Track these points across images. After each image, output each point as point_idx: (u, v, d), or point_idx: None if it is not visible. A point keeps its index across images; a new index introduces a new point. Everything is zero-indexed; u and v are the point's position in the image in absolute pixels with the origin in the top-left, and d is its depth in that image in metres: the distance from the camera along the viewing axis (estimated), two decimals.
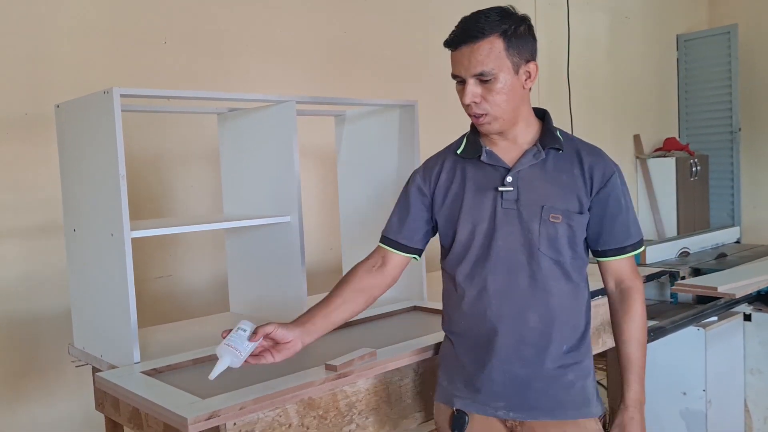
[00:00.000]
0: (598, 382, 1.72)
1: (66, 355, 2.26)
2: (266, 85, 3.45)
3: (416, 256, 1.75)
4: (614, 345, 1.68)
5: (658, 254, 3.27)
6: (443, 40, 1.57)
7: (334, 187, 2.89)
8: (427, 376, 1.92)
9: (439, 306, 2.32)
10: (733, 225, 5.10)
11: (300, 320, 1.62)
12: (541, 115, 1.68)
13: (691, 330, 2.77)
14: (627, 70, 5.89)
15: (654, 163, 5.86)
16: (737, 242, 3.96)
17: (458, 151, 1.69)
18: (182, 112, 2.46)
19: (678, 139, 6.30)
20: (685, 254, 3.45)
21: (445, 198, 1.68)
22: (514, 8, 1.56)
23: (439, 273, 1.78)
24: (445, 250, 1.70)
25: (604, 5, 5.63)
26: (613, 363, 2.95)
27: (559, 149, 1.60)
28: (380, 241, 1.77)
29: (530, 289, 1.58)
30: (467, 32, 1.52)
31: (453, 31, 1.55)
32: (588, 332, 1.66)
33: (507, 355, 1.59)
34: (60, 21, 2.83)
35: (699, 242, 3.66)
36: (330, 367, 1.69)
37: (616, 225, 1.61)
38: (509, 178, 1.59)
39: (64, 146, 2.11)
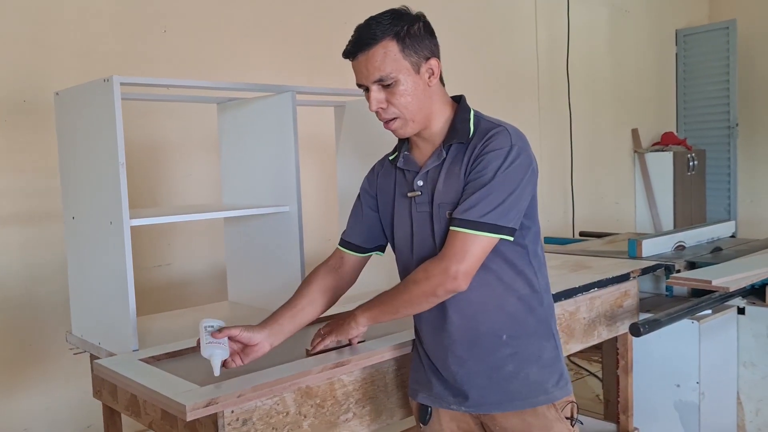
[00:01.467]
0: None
1: (64, 343, 2.27)
2: (266, 74, 3.46)
3: (378, 252, 1.78)
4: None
5: (654, 248, 3.28)
6: (343, 50, 1.59)
7: (333, 177, 2.91)
8: None
9: None
10: (729, 219, 5.12)
11: (266, 322, 1.64)
12: (458, 101, 1.63)
13: (685, 323, 2.78)
14: (626, 65, 5.90)
15: (651, 158, 5.88)
16: (733, 236, 3.97)
17: (390, 158, 1.72)
18: (182, 100, 2.46)
19: (676, 133, 6.31)
20: (680, 248, 3.47)
21: (383, 203, 1.71)
22: (407, 8, 1.56)
23: None
24: (395, 254, 1.73)
25: None
26: (608, 353, 2.97)
27: (462, 142, 1.55)
28: (338, 243, 1.80)
29: None
30: (360, 40, 1.52)
31: (349, 41, 1.55)
32: (535, 316, 1.60)
33: (441, 355, 1.62)
34: (61, 8, 2.82)
35: (695, 236, 3.67)
36: (308, 352, 1.76)
37: (466, 195, 1.48)
38: (419, 182, 1.59)
39: (64, 134, 2.11)
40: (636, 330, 2.37)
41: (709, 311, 2.89)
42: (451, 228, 1.49)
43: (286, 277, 2.26)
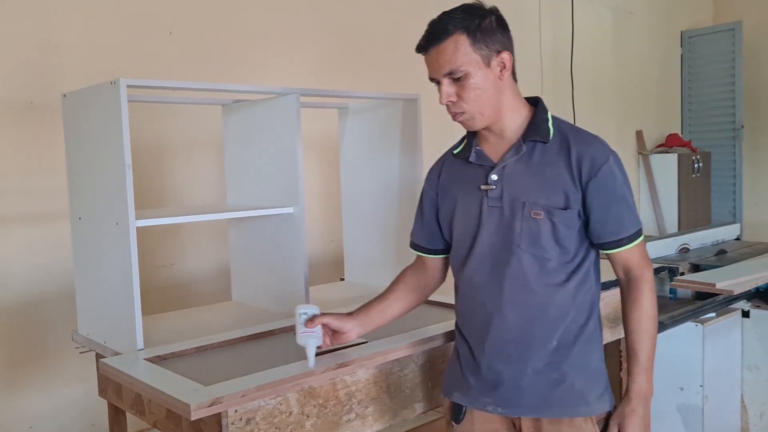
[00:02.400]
0: None
1: (70, 342, 2.29)
2: (271, 76, 3.47)
3: (444, 254, 1.79)
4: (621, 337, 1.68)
5: (658, 250, 3.29)
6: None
7: (336, 179, 2.91)
8: (427, 367, 1.94)
9: (441, 299, 2.35)
10: (734, 222, 5.11)
11: (357, 313, 1.74)
12: (535, 103, 1.65)
13: (689, 326, 2.79)
14: (631, 66, 5.90)
15: (656, 159, 5.87)
16: (737, 239, 3.97)
17: (455, 152, 1.72)
18: (187, 102, 2.48)
19: (681, 135, 6.30)
20: (685, 250, 3.47)
21: (445, 199, 1.71)
22: (480, 3, 1.57)
23: None
24: (451, 249, 1.73)
25: (608, 1, 5.63)
26: (611, 356, 2.97)
27: (544, 141, 1.57)
28: (410, 246, 1.85)
29: (511, 287, 1.57)
30: (432, 34, 1.54)
31: (422, 36, 1.57)
32: (589, 328, 1.61)
33: (492, 353, 1.61)
34: (68, 9, 2.84)
35: (699, 238, 3.67)
36: None
37: (609, 216, 1.55)
38: (493, 176, 1.59)
39: (71, 135, 2.12)
40: None
41: (713, 314, 2.89)
42: (621, 248, 1.59)
43: (290, 278, 2.27)
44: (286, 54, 3.57)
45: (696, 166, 5.88)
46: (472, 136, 1.67)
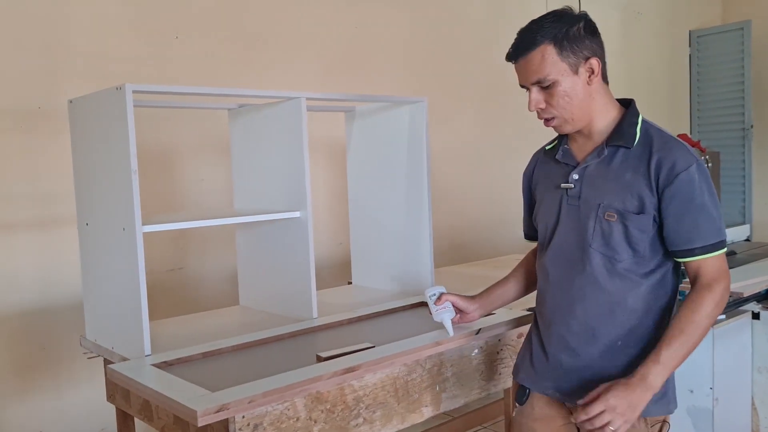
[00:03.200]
0: None
1: (78, 347, 2.29)
2: (277, 80, 3.47)
3: None
4: None
5: None
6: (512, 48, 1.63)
7: (343, 182, 2.91)
8: (435, 371, 1.93)
9: None
10: (743, 223, 5.07)
11: (480, 296, 1.92)
12: (627, 104, 1.68)
13: None
14: (639, 67, 5.87)
15: None
16: (747, 240, 3.94)
17: (547, 149, 1.81)
18: (193, 107, 2.48)
19: (689, 135, 6.26)
20: None
21: (536, 192, 1.81)
22: (570, 9, 1.60)
23: (450, 268, 1.88)
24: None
25: (616, 2, 5.61)
26: None
27: (627, 147, 1.59)
28: (525, 236, 1.94)
29: (581, 283, 1.63)
30: (521, 44, 1.58)
31: (511, 45, 1.62)
32: (659, 333, 1.58)
33: (557, 342, 1.68)
34: (74, 15, 2.85)
35: None
36: (319, 358, 1.78)
37: (683, 225, 1.54)
38: (574, 175, 1.65)
39: (77, 141, 2.13)
40: None
41: (723, 316, 2.87)
42: (692, 258, 1.55)
43: (297, 282, 2.27)
44: (292, 58, 3.57)
45: (705, 166, 5.84)
46: (564, 135, 1.72)
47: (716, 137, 6.31)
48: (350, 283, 2.95)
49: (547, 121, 1.64)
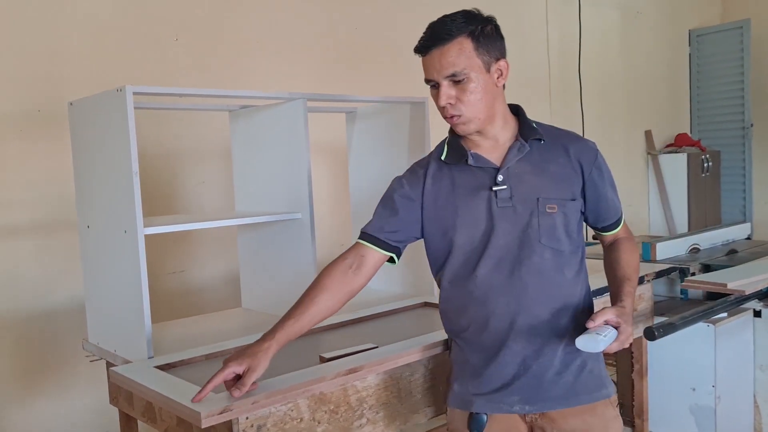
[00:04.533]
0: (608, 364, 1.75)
1: (80, 350, 2.29)
2: (278, 82, 3.47)
3: (394, 255, 1.70)
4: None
5: (668, 250, 3.26)
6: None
7: (345, 183, 2.91)
8: (438, 371, 1.93)
9: None
10: (744, 221, 5.07)
11: (263, 346, 1.54)
12: (515, 110, 1.70)
13: (700, 326, 2.77)
14: (639, 66, 5.87)
15: (665, 159, 5.84)
16: (748, 238, 3.94)
17: (442, 157, 1.67)
18: (194, 109, 2.48)
19: (690, 134, 6.27)
20: (695, 250, 3.45)
21: (435, 206, 1.66)
22: (479, 11, 1.60)
23: None
24: (442, 258, 1.68)
25: (616, 2, 5.61)
26: (623, 357, 2.95)
27: (541, 140, 1.64)
28: (360, 238, 1.70)
29: (535, 282, 1.59)
30: (436, 35, 1.54)
31: (421, 37, 1.58)
32: (583, 305, 1.67)
33: (518, 351, 1.60)
34: (73, 18, 2.85)
35: (709, 238, 3.64)
36: (322, 359, 1.78)
37: (609, 202, 1.70)
38: (500, 177, 1.60)
39: (78, 143, 2.13)
40: (651, 334, 2.35)
41: (725, 314, 2.87)
42: (618, 228, 1.77)
43: (299, 283, 2.25)
44: (292, 59, 3.57)
45: (705, 165, 5.85)
46: (456, 142, 1.65)
47: (716, 136, 6.31)
48: None
49: (452, 118, 1.59)
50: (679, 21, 6.32)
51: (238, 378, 1.50)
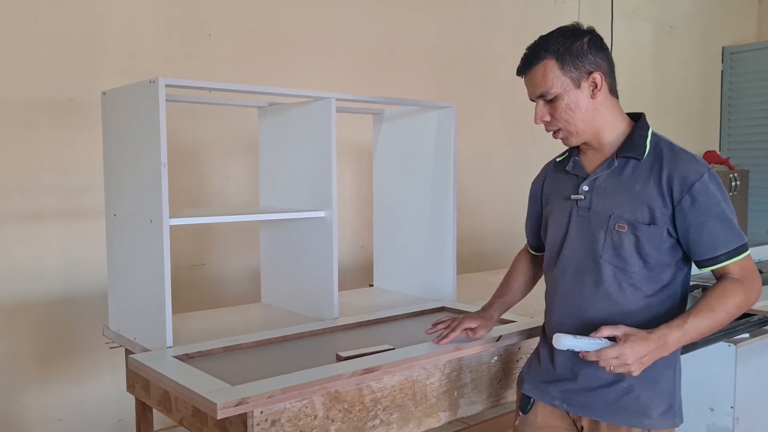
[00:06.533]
0: None
1: (100, 337, 2.32)
2: (308, 81, 3.49)
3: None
4: None
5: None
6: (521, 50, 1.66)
7: (368, 185, 2.92)
8: (454, 376, 1.93)
9: (468, 307, 2.34)
10: None
11: (491, 308, 1.94)
12: (637, 118, 1.69)
13: (721, 345, 2.73)
14: (670, 81, 5.82)
15: None
16: None
17: (557, 160, 1.82)
18: (223, 104, 2.50)
19: (719, 152, 6.20)
20: None
21: (547, 204, 1.81)
22: (579, 25, 1.64)
23: (472, 275, 1.89)
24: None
25: (648, 15, 5.57)
26: None
27: (637, 158, 1.60)
28: (529, 246, 2.00)
29: (592, 294, 1.63)
30: (526, 60, 1.63)
31: (521, 59, 1.66)
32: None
33: (568, 355, 1.66)
34: (108, 10, 2.89)
35: None
36: (338, 357, 1.79)
37: (704, 234, 1.54)
38: (585, 187, 1.66)
39: (109, 132, 2.16)
40: None
41: (747, 335, 2.83)
42: (718, 265, 1.56)
43: (320, 281, 2.28)
44: (323, 59, 3.59)
45: (733, 184, 5.78)
46: (574, 147, 1.73)
47: (746, 155, 6.24)
48: (371, 285, 2.95)
49: (554, 134, 1.68)
50: (713, 37, 6.26)
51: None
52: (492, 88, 4.31)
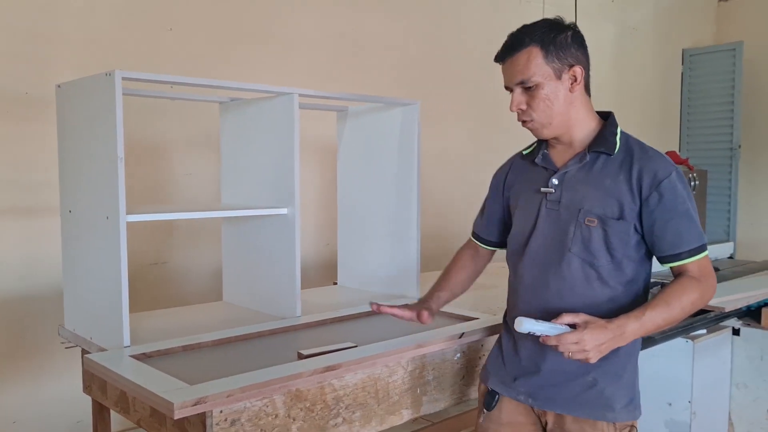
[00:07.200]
0: None
1: (57, 337, 2.26)
2: (271, 77, 3.46)
3: (494, 249, 1.95)
4: None
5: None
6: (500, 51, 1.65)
7: (333, 184, 2.90)
8: (416, 374, 1.92)
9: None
10: (727, 240, 5.11)
11: (430, 298, 1.90)
12: (606, 117, 1.71)
13: (679, 341, 2.78)
14: (631, 82, 5.90)
15: None
16: (731, 258, 3.97)
17: (524, 153, 1.81)
18: (184, 99, 2.46)
19: (678, 153, 6.30)
20: None
21: (510, 196, 1.82)
22: (561, 19, 1.65)
23: (436, 273, 1.88)
24: (508, 244, 1.82)
25: (612, 16, 5.64)
26: None
27: (609, 153, 1.62)
28: (471, 234, 1.98)
29: (558, 287, 1.64)
30: (509, 45, 1.62)
31: (501, 46, 1.65)
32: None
33: (532, 349, 1.67)
34: (65, 1, 2.83)
35: None
36: (300, 355, 1.77)
37: (668, 231, 1.58)
38: (554, 180, 1.67)
39: (64, 127, 2.11)
40: None
41: (704, 331, 2.88)
42: (680, 262, 1.59)
43: (282, 279, 2.25)
44: (286, 56, 3.56)
45: (692, 183, 5.86)
46: (542, 140, 1.73)
47: (704, 156, 6.36)
48: (336, 283, 2.93)
49: (525, 123, 1.67)
50: (674, 39, 6.36)
51: None
52: (457, 86, 4.32)
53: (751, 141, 6.27)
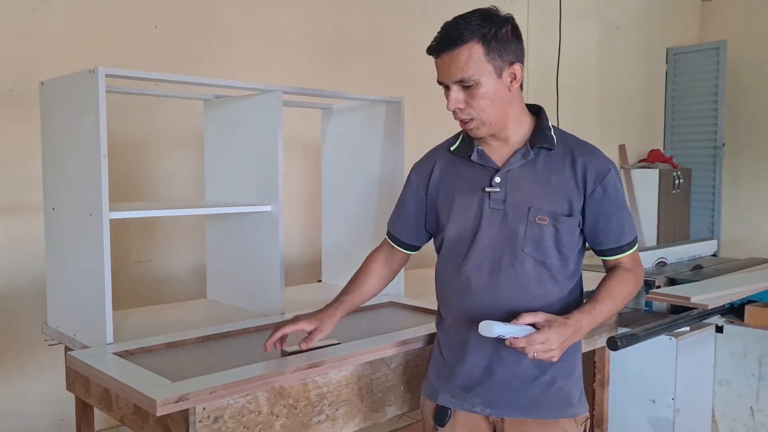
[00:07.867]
0: None
1: (40, 334, 2.25)
2: (255, 75, 3.45)
3: (410, 252, 1.86)
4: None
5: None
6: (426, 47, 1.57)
7: (317, 182, 2.90)
8: (400, 370, 1.93)
9: (416, 303, 2.34)
10: (711, 238, 5.15)
11: (336, 307, 1.78)
12: (537, 111, 1.66)
13: (663, 339, 2.80)
14: (616, 81, 5.94)
15: (638, 174, 5.91)
16: (714, 255, 4.00)
17: (451, 149, 1.70)
18: (168, 96, 2.45)
19: (663, 151, 6.35)
20: (662, 264, 3.49)
21: (438, 195, 1.70)
22: (497, 9, 1.55)
23: (418, 271, 1.85)
24: (438, 248, 1.73)
25: (596, 15, 5.67)
26: (585, 367, 2.97)
27: (550, 149, 1.59)
28: (386, 234, 1.87)
29: (511, 290, 1.58)
30: (447, 39, 1.52)
31: (434, 38, 1.55)
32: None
33: (484, 353, 1.61)
34: None
35: (676, 253, 3.69)
36: (283, 352, 1.75)
37: (612, 224, 1.60)
38: (497, 179, 1.60)
39: (47, 124, 2.10)
40: (613, 344, 2.38)
41: (687, 328, 2.90)
42: (620, 255, 1.63)
43: (265, 277, 2.25)
44: (271, 53, 3.55)
45: (677, 182, 5.93)
46: (468, 136, 1.66)
47: (688, 154, 6.41)
48: (320, 281, 2.93)
49: (463, 123, 1.59)
50: (658, 38, 6.40)
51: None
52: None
53: (735, 139, 6.32)
